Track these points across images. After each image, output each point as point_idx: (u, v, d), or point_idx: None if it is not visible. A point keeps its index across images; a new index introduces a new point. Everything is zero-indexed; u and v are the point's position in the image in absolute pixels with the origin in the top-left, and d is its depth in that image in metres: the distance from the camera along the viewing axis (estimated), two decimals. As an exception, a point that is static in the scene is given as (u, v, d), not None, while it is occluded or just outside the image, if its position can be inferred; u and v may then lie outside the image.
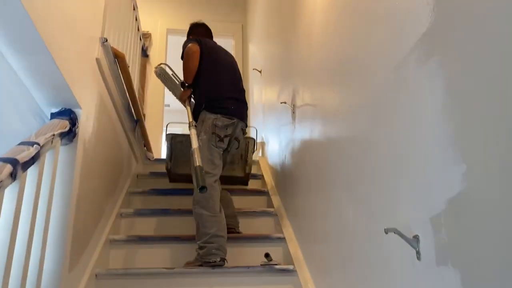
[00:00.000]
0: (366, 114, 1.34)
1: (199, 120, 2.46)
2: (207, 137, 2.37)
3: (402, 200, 1.09)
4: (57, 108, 1.70)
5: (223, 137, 2.41)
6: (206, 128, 2.39)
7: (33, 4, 1.22)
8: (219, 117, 2.42)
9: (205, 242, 2.16)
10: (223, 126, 2.42)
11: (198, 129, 2.39)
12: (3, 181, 1.14)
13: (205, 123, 2.41)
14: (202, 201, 2.23)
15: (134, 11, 3.17)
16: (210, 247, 2.15)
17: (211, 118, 2.41)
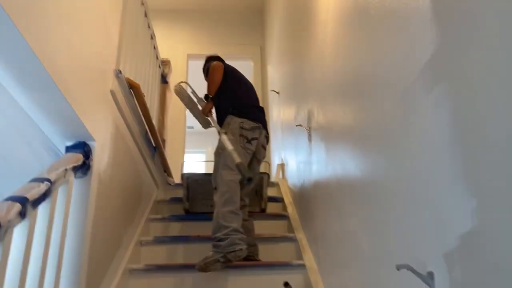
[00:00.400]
0: (376, 141, 1.30)
1: (224, 124, 2.55)
2: (235, 138, 2.44)
3: (415, 234, 1.04)
4: (72, 141, 1.72)
5: (251, 139, 2.50)
6: (233, 130, 2.48)
7: (40, 43, 1.25)
8: (245, 120, 2.51)
9: (226, 234, 2.15)
10: (250, 128, 2.51)
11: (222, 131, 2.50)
12: (11, 221, 1.15)
13: (232, 125, 2.50)
14: (226, 195, 2.28)
15: (152, 40, 3.23)
16: (233, 237, 2.14)
17: (237, 121, 2.51)
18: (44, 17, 1.32)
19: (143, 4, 2.84)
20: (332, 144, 1.88)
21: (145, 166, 2.79)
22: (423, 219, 0.99)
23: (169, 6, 5.51)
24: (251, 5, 5.61)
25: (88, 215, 1.69)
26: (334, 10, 1.86)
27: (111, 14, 2.09)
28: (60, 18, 1.45)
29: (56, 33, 1.41)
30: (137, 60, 2.65)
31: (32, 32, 1.21)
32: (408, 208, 1.08)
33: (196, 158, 8.01)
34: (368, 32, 1.40)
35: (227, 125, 2.53)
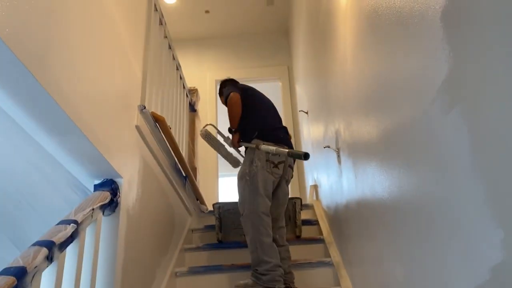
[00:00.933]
0: (400, 163, 1.25)
1: (249, 149, 2.53)
2: (261, 164, 2.42)
3: (446, 264, 0.97)
4: (99, 179, 1.76)
5: (277, 164, 2.48)
6: (259, 155, 2.45)
7: (59, 88, 1.29)
8: (272, 144, 2.47)
9: (268, 270, 2.21)
10: (275, 153, 2.46)
11: (250, 156, 2.47)
12: (38, 266, 1.16)
13: (259, 152, 2.46)
14: (261, 227, 2.28)
15: (177, 71, 3.29)
16: (274, 274, 2.21)
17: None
18: (65, 64, 1.36)
19: (166, 37, 2.91)
20: (359, 165, 1.82)
21: (176, 196, 2.81)
22: (453, 249, 0.93)
23: (196, 35, 5.64)
24: (277, 26, 5.66)
25: (118, 251, 1.70)
26: (351, 28, 1.83)
27: (133, 50, 2.14)
28: (80, 60, 1.50)
29: (76, 76, 1.45)
30: (163, 92, 2.71)
31: (50, 78, 1.25)
32: (438, 234, 1.02)
33: (232, 182, 8.02)
34: (384, 49, 1.37)
35: (253, 149, 2.49)
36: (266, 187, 2.39)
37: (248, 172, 2.43)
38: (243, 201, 2.41)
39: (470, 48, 0.81)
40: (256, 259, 2.26)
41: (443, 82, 0.92)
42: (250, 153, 2.50)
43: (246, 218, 2.34)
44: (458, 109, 0.86)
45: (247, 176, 2.42)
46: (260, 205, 2.34)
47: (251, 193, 2.38)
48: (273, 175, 2.45)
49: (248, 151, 2.53)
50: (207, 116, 5.24)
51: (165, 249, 2.50)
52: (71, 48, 1.42)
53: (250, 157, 2.47)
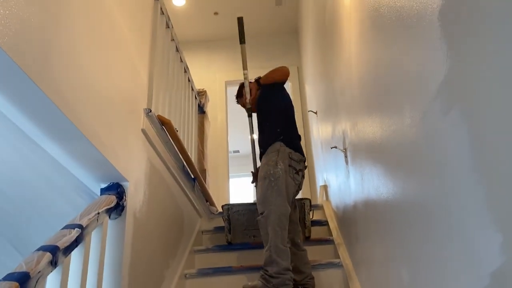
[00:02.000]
0: (403, 164, 1.23)
1: (272, 149, 2.49)
2: (285, 168, 2.41)
3: (449, 267, 0.95)
4: (106, 183, 1.77)
5: (298, 171, 2.47)
6: (284, 159, 2.43)
7: (60, 94, 1.30)
8: (293, 151, 2.48)
9: (278, 273, 2.18)
10: (297, 160, 2.49)
11: (273, 157, 2.44)
12: (41, 271, 1.18)
13: (282, 154, 2.45)
14: (278, 230, 2.26)
15: (185, 73, 3.31)
16: (284, 278, 2.18)
17: (287, 151, 2.47)
18: (67, 69, 1.37)
19: (173, 40, 2.92)
20: (365, 166, 1.80)
21: (185, 198, 2.82)
22: (456, 251, 0.91)
23: (205, 37, 5.66)
24: (286, 27, 5.64)
25: (124, 254, 1.71)
26: (355, 28, 1.82)
27: (138, 54, 2.15)
28: (84, 67, 1.51)
29: (79, 81, 1.46)
30: (171, 95, 2.72)
31: (52, 85, 1.26)
32: (441, 236, 1.00)
33: (243, 182, 8.02)
34: (385, 48, 1.35)
35: (276, 152, 2.46)
36: (288, 192, 2.37)
37: (272, 173, 2.38)
38: (264, 201, 2.35)
39: (467, 47, 0.79)
40: (268, 258, 2.23)
41: (441, 82, 0.90)
42: (273, 155, 2.46)
43: (266, 218, 2.29)
44: (457, 109, 0.84)
45: (272, 177, 2.37)
46: (282, 207, 2.31)
47: (275, 194, 2.33)
48: (294, 181, 2.43)
49: (271, 153, 2.48)
50: (217, 117, 5.25)
51: (174, 251, 2.51)
52: (74, 53, 1.43)
53: (274, 159, 2.43)
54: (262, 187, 2.38)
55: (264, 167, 2.45)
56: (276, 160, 2.42)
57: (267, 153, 2.52)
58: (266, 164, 2.45)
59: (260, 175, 2.45)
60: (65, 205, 1.60)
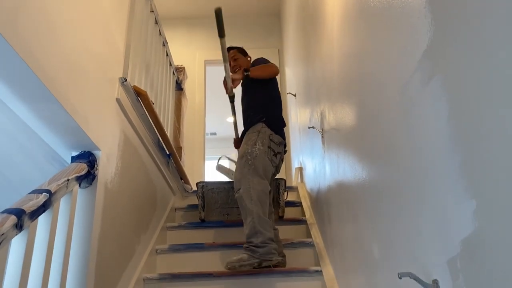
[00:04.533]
0: (379, 141, 1.23)
1: (253, 130, 2.52)
2: (264, 149, 2.43)
3: (421, 239, 0.96)
4: (77, 151, 1.72)
5: (276, 153, 2.50)
6: (263, 140, 2.46)
7: (31, 51, 1.24)
8: (273, 133, 2.51)
9: (264, 242, 2.19)
10: (277, 142, 2.51)
11: (253, 137, 2.46)
12: (5, 233, 1.13)
13: (262, 134, 2.48)
14: (258, 202, 2.27)
15: (164, 47, 3.23)
16: (270, 246, 2.19)
17: (267, 132, 2.49)
18: (39, 28, 1.31)
19: (153, 12, 2.84)
20: (342, 146, 1.81)
21: (159, 173, 2.78)
22: (428, 222, 0.92)
23: (186, 14, 5.54)
24: (268, 9, 5.57)
25: (94, 224, 1.67)
26: (339, 10, 1.80)
27: (116, 22, 2.08)
28: (57, 28, 1.45)
29: (52, 43, 1.40)
30: (148, 67, 2.65)
31: (22, 41, 1.20)
32: (413, 210, 1.00)
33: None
34: (367, 28, 1.34)
35: (257, 133, 2.48)
36: (265, 171, 2.39)
37: (250, 152, 2.40)
38: (240, 178, 2.35)
39: (452, 16, 0.78)
40: (252, 229, 2.22)
41: (423, 52, 0.89)
42: (253, 135, 2.48)
43: (244, 193, 2.29)
44: (438, 79, 0.83)
45: (248, 155, 2.39)
46: (260, 183, 2.32)
47: (251, 172, 2.34)
48: (271, 163, 2.45)
49: (252, 133, 2.50)
50: (195, 96, 5.17)
51: (146, 226, 2.48)
52: (45, 12, 1.37)
53: (253, 138, 2.45)
54: (240, 165, 2.40)
55: (243, 146, 2.48)
56: (255, 140, 2.44)
57: (248, 132, 2.54)
58: (245, 143, 2.47)
59: (238, 155, 2.47)
60: (35, 172, 1.55)
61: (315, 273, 2.26)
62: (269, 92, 2.69)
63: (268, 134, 2.49)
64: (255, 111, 2.59)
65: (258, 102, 2.63)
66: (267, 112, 2.58)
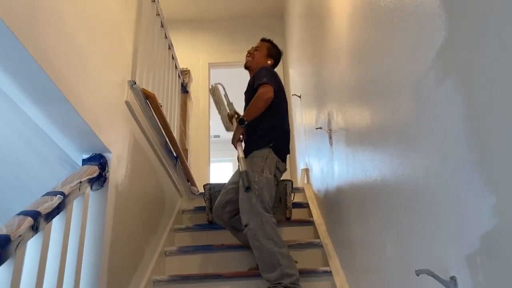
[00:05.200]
0: (393, 141, 1.24)
1: (260, 154, 2.32)
2: (271, 177, 2.28)
3: (437, 236, 0.97)
4: (88, 154, 1.73)
5: (279, 182, 2.43)
6: (270, 167, 2.30)
7: (45, 54, 1.26)
8: (280, 161, 2.37)
9: (294, 284, 2.04)
10: (282, 170, 2.41)
11: (258, 163, 2.28)
12: (22, 235, 1.14)
13: (269, 161, 2.31)
14: (276, 238, 2.12)
15: (170, 50, 3.25)
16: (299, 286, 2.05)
17: (274, 159, 2.34)
18: (51, 30, 1.33)
19: (159, 15, 2.86)
20: (351, 146, 1.81)
21: (167, 176, 2.79)
22: (444, 220, 0.92)
23: (189, 17, 5.56)
24: (270, 11, 5.59)
25: (106, 226, 1.68)
26: (347, 10, 1.81)
27: (124, 25, 2.10)
28: (69, 31, 1.46)
29: (64, 44, 1.41)
30: (154, 70, 2.66)
31: (37, 44, 1.21)
32: (429, 208, 1.01)
33: (223, 168, 8.00)
34: (378, 28, 1.35)
35: (264, 159, 2.30)
36: (270, 202, 2.26)
37: (257, 181, 2.23)
38: (249, 211, 2.18)
39: (467, 14, 0.79)
40: (279, 273, 2.04)
41: (437, 51, 0.90)
42: (259, 160, 2.30)
43: (257, 230, 2.11)
44: (452, 77, 0.84)
45: (255, 185, 2.21)
46: (269, 216, 2.17)
47: (259, 204, 2.18)
48: (273, 191, 2.32)
49: (258, 157, 2.32)
50: (199, 99, 5.19)
51: (155, 228, 2.49)
52: (59, 15, 1.39)
53: (260, 165, 2.28)
54: (245, 195, 2.20)
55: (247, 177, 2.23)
56: (263, 167, 2.27)
57: (253, 155, 2.35)
58: (250, 169, 2.24)
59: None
60: (47, 174, 1.56)
61: (324, 273, 2.27)
62: (278, 114, 2.46)
63: (275, 161, 2.34)
64: (261, 134, 2.39)
65: (264, 125, 2.40)
66: (275, 137, 2.39)
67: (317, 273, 2.27)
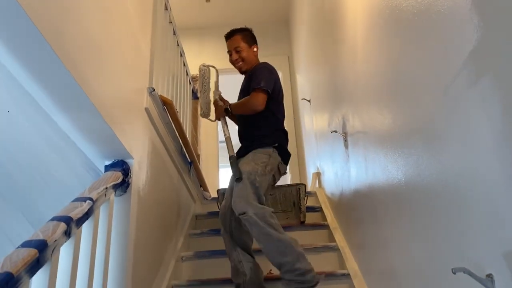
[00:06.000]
0: (418, 143, 1.25)
1: (264, 151, 2.24)
2: (270, 174, 2.23)
3: (470, 236, 0.98)
4: (110, 160, 1.75)
5: (275, 184, 2.40)
6: (272, 166, 2.24)
7: (75, 64, 1.28)
8: (282, 163, 2.32)
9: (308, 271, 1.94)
10: (282, 173, 2.36)
11: (262, 158, 2.21)
12: (57, 240, 1.16)
13: (273, 160, 2.24)
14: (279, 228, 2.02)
15: (181, 57, 3.28)
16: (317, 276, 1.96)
17: (277, 160, 2.28)
18: (77, 36, 1.35)
19: (171, 23, 2.89)
20: (371, 149, 1.83)
21: (181, 181, 2.81)
22: (477, 219, 0.94)
23: (196, 25, 5.61)
24: (276, 16, 5.63)
25: (130, 232, 1.70)
26: (363, 13, 1.83)
27: (141, 33, 2.13)
28: (94, 36, 1.48)
29: (90, 51, 1.44)
30: (168, 77, 2.69)
31: (66, 51, 1.24)
32: (459, 210, 1.02)
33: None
34: (399, 31, 1.37)
35: (268, 156, 2.23)
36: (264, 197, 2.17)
37: (260, 172, 2.16)
38: (247, 200, 2.07)
39: (501, 15, 0.81)
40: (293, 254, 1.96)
41: (469, 53, 0.92)
42: (263, 156, 2.23)
43: (259, 219, 2.00)
44: (487, 79, 0.86)
45: (257, 176, 2.14)
46: (265, 210, 2.06)
47: (258, 194, 2.11)
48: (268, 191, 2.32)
49: (261, 153, 2.24)
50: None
51: (172, 233, 2.51)
52: (85, 22, 1.41)
53: (264, 160, 2.21)
54: (245, 184, 2.11)
55: (249, 163, 2.20)
56: (266, 163, 2.21)
57: (256, 151, 2.26)
58: (252, 161, 2.20)
59: (245, 169, 2.17)
60: (73, 179, 1.58)
61: (342, 276, 2.28)
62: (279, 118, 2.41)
63: (278, 161, 2.28)
64: (265, 134, 2.32)
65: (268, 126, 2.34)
66: (280, 140, 2.33)
67: (335, 276, 2.29)
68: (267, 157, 2.23)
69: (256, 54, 2.54)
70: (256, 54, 2.54)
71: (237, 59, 2.47)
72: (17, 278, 0.97)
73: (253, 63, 2.47)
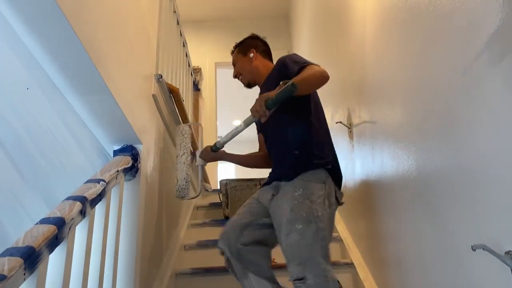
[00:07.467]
0: (433, 130, 1.26)
1: (317, 178, 1.64)
2: (332, 211, 1.66)
3: (486, 214, 1.00)
4: (119, 145, 1.75)
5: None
6: (330, 198, 1.64)
7: (93, 47, 1.28)
8: (338, 190, 1.73)
9: None
10: (340, 202, 1.75)
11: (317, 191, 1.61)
12: (74, 219, 1.16)
13: (330, 190, 1.66)
14: None
15: (184, 48, 3.27)
16: None
17: (333, 187, 1.68)
18: (94, 18, 1.35)
19: (175, 12, 2.89)
20: (378, 137, 1.84)
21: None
22: (495, 201, 0.95)
23: (197, 17, 5.59)
24: (276, 11, 5.64)
25: (139, 216, 1.70)
26: (373, 7, 1.84)
27: (149, 19, 2.12)
28: (109, 22, 1.48)
29: (106, 37, 1.44)
30: (172, 66, 2.69)
31: (85, 33, 1.23)
32: (477, 193, 1.04)
33: (230, 168, 8.01)
34: (415, 15, 1.38)
35: (323, 184, 1.64)
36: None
37: (320, 215, 1.57)
38: (310, 259, 1.53)
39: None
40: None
41: (492, 34, 0.93)
42: (319, 187, 1.63)
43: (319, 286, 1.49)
44: (511, 57, 0.87)
45: (321, 223, 1.57)
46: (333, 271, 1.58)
47: (320, 250, 1.56)
48: None
49: (315, 183, 1.63)
50: (206, 99, 5.21)
51: (175, 222, 2.51)
52: (101, 5, 1.41)
53: (322, 193, 1.62)
54: (304, 235, 1.54)
55: (304, 203, 1.58)
56: (324, 197, 1.62)
57: (307, 179, 1.64)
58: (306, 199, 1.59)
59: (298, 214, 1.56)
60: (86, 162, 1.58)
61: (345, 265, 2.30)
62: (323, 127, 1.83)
63: (334, 190, 1.69)
64: (313, 149, 1.70)
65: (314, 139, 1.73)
66: (330, 155, 1.74)
67: (338, 265, 2.30)
68: (322, 188, 1.63)
69: (254, 58, 2.06)
70: (254, 58, 2.06)
71: (236, 75, 2.11)
72: (38, 252, 0.97)
73: (253, 68, 2.03)
